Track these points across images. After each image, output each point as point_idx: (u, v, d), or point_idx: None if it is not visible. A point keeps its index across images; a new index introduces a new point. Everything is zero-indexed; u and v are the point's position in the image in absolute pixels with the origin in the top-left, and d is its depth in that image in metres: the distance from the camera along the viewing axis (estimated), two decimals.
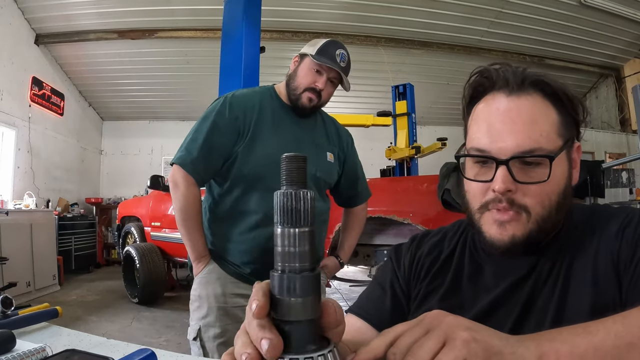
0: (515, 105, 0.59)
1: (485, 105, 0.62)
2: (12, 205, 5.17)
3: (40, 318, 1.00)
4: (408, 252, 0.76)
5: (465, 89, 0.66)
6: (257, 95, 1.43)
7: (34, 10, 5.68)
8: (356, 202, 1.62)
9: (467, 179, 0.63)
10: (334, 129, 1.55)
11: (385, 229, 3.23)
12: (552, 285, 0.58)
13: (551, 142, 0.58)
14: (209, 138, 1.33)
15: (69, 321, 3.63)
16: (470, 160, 0.63)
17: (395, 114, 5.23)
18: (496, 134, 0.59)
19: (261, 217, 1.33)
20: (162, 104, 8.08)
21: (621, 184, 4.85)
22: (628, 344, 0.40)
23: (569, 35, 6.56)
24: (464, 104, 0.67)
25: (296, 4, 5.69)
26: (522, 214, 0.58)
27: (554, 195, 0.59)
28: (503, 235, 0.59)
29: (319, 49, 1.37)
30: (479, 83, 0.64)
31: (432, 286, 0.69)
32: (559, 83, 0.61)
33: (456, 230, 0.75)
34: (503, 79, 0.61)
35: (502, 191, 0.57)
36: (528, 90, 0.60)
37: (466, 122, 0.66)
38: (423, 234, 0.79)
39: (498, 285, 0.62)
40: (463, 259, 0.69)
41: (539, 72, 0.61)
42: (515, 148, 0.57)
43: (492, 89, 0.62)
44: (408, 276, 0.73)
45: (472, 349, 0.39)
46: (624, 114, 8.12)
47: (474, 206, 0.63)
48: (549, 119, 0.59)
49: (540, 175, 0.57)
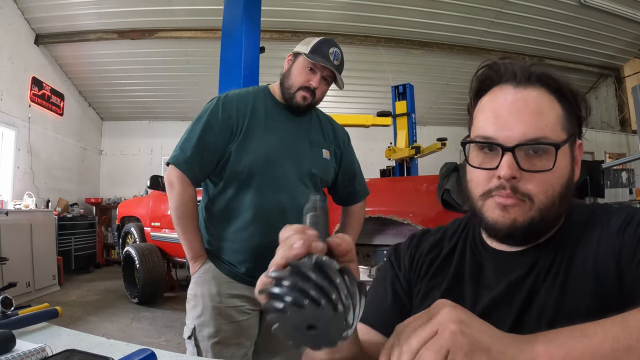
0: (522, 97, 0.60)
1: (492, 96, 0.63)
2: (12, 205, 5.17)
3: (40, 318, 0.99)
4: (408, 251, 0.76)
5: (473, 81, 0.67)
6: (250, 94, 1.43)
7: (34, 10, 5.68)
8: (354, 200, 1.61)
9: (472, 167, 0.63)
10: (329, 126, 1.55)
11: (385, 229, 3.23)
12: (552, 281, 0.58)
13: (556, 133, 0.59)
14: (202, 137, 1.34)
15: (69, 321, 3.63)
16: (475, 149, 0.63)
17: (395, 114, 5.23)
18: (503, 122, 0.59)
19: (253, 214, 1.33)
20: (162, 104, 8.08)
21: (621, 184, 4.85)
22: (626, 347, 0.39)
23: (569, 35, 6.56)
24: (471, 96, 0.67)
25: (296, 4, 5.69)
26: (526, 201, 0.58)
27: (558, 186, 0.59)
28: (505, 218, 0.59)
29: (313, 47, 1.37)
30: (487, 76, 0.65)
31: (433, 284, 0.69)
32: (563, 79, 0.62)
33: (456, 228, 0.75)
34: (511, 72, 0.62)
35: (507, 177, 0.57)
36: (534, 84, 0.61)
37: (472, 114, 0.67)
38: (422, 233, 0.79)
39: (499, 283, 0.62)
40: (464, 256, 0.69)
41: (545, 68, 0.63)
42: (521, 136, 0.58)
43: (500, 82, 0.63)
44: (409, 275, 0.73)
45: (457, 341, 0.40)
46: (624, 114, 8.12)
47: (477, 193, 0.63)
48: (554, 112, 0.60)
49: (545, 164, 0.58)
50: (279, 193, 1.35)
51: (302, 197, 1.38)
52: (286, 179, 1.37)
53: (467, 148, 0.64)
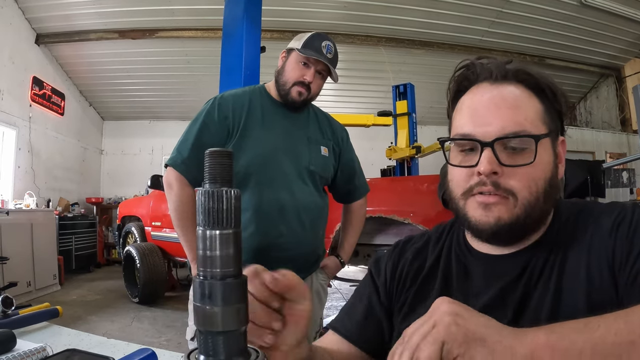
0: (499, 93, 0.59)
1: (470, 95, 0.63)
2: (13, 205, 5.16)
3: (41, 318, 1.00)
4: (390, 260, 0.74)
5: (451, 83, 0.66)
6: (246, 94, 1.43)
7: (34, 10, 5.68)
8: (354, 197, 1.61)
9: (453, 165, 0.62)
10: (327, 123, 1.54)
11: (386, 228, 3.23)
12: (545, 284, 0.57)
13: (535, 127, 0.58)
14: (199, 138, 1.34)
15: (69, 321, 3.63)
16: (455, 149, 0.62)
17: (396, 114, 5.23)
18: (480, 119, 0.59)
19: (252, 214, 1.33)
20: (162, 103, 8.08)
21: (622, 183, 4.86)
22: (629, 342, 0.39)
23: (570, 35, 6.55)
24: (449, 98, 0.67)
25: (297, 3, 5.69)
26: (509, 197, 0.57)
27: (541, 182, 0.58)
28: (489, 217, 0.57)
29: (305, 42, 1.37)
30: (464, 76, 0.65)
31: (421, 296, 0.67)
32: (541, 74, 0.61)
33: (440, 234, 0.73)
34: (487, 70, 0.62)
35: (487, 172, 0.56)
36: (511, 80, 0.61)
37: (451, 116, 0.67)
38: (406, 240, 0.77)
39: (489, 288, 0.60)
40: (450, 263, 0.67)
41: (522, 64, 0.62)
42: (500, 130, 0.57)
43: (477, 81, 0.63)
44: (390, 286, 0.71)
45: (451, 333, 0.40)
46: (625, 113, 8.11)
47: (458, 193, 0.61)
48: (533, 107, 0.59)
49: (525, 159, 0.57)
50: (277, 191, 1.35)
51: (301, 195, 1.38)
52: (284, 177, 1.37)
53: (448, 150, 0.64)
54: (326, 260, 1.57)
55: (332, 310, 4.13)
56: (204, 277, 0.32)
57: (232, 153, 0.34)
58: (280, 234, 1.35)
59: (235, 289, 0.32)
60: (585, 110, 8.79)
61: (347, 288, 4.75)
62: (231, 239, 0.32)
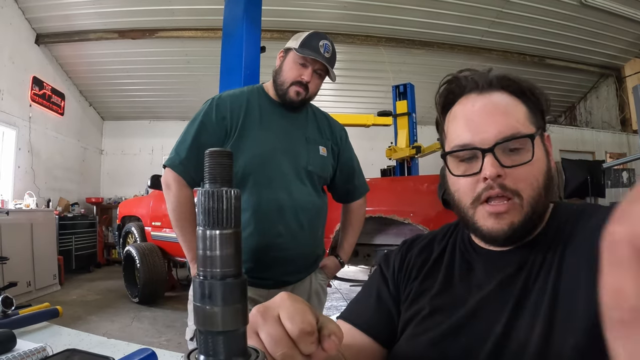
0: (489, 101, 0.63)
1: (461, 106, 0.66)
2: (13, 205, 5.17)
3: (41, 318, 1.00)
4: (398, 253, 0.78)
5: (437, 99, 0.70)
6: (244, 94, 1.43)
7: (34, 10, 5.68)
8: (354, 197, 1.61)
9: (457, 176, 0.64)
10: (326, 123, 1.54)
11: (386, 228, 3.23)
12: (544, 280, 0.58)
13: (526, 128, 0.62)
14: (196, 139, 1.34)
15: (69, 321, 3.63)
16: (455, 160, 0.65)
17: (396, 114, 5.23)
18: (476, 127, 0.62)
19: (251, 214, 1.33)
20: (162, 103, 8.08)
21: (622, 183, 4.86)
22: None
23: (570, 35, 6.55)
24: (438, 113, 0.70)
25: (297, 3, 5.69)
26: (515, 199, 0.60)
27: (540, 176, 0.61)
28: (501, 224, 0.60)
29: (302, 41, 1.37)
30: (450, 90, 0.68)
31: (424, 286, 0.70)
32: (521, 79, 0.65)
33: (445, 232, 0.76)
34: (472, 82, 0.65)
35: (493, 176, 0.59)
36: (496, 88, 0.64)
37: (442, 129, 0.70)
38: (414, 238, 0.80)
39: (489, 282, 0.63)
40: (454, 258, 0.70)
41: (503, 72, 0.65)
42: (497, 135, 0.60)
43: (463, 93, 0.66)
44: (397, 277, 0.74)
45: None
46: (625, 113, 8.11)
47: (466, 202, 0.64)
48: (520, 110, 0.63)
49: (524, 158, 0.60)
50: (275, 191, 1.35)
51: (299, 195, 1.38)
52: (282, 177, 1.37)
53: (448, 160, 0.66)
54: (325, 260, 1.57)
55: (332, 310, 4.12)
56: (204, 277, 0.32)
57: (232, 153, 0.34)
58: (279, 234, 1.35)
59: (235, 289, 0.32)
60: (585, 110, 8.79)
61: (347, 288, 4.75)
62: (231, 239, 0.32)
